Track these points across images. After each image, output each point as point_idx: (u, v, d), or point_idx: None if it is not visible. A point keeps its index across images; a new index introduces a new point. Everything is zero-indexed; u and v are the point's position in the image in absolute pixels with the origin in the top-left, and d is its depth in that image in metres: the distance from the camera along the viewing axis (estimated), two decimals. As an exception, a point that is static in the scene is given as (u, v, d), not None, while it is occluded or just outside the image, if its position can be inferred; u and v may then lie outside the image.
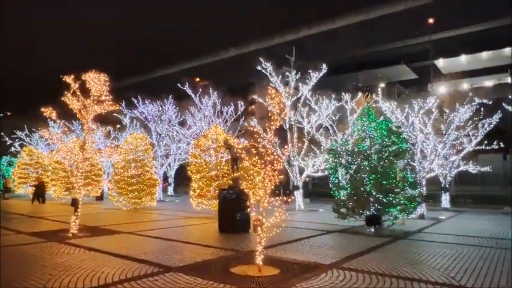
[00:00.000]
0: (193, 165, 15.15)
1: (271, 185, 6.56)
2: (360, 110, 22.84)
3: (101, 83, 10.94)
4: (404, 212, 10.84)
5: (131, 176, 18.60)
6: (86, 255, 7.31)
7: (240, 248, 8.41)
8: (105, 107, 10.94)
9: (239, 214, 10.61)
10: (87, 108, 10.95)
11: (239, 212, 10.69)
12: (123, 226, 12.17)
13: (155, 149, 27.83)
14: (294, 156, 20.42)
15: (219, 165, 14.57)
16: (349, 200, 11.13)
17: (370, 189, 10.59)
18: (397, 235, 10.65)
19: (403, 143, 11.02)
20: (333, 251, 8.13)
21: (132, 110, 28.55)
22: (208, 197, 14.43)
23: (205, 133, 15.64)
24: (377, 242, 9.44)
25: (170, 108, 28.47)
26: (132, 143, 19.36)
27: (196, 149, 15.19)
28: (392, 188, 10.52)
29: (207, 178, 14.64)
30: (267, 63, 20.64)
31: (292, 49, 36.13)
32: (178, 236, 9.97)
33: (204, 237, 9.87)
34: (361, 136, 11.64)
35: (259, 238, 6.48)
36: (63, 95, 10.77)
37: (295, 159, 20.42)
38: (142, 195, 18.79)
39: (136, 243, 8.85)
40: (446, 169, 19.28)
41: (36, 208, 19.56)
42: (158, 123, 28.60)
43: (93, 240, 9.12)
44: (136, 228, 11.62)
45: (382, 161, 10.78)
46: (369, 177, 10.62)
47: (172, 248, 8.25)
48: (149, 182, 19.19)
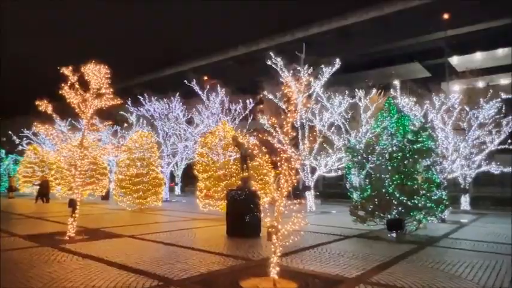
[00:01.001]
0: (199, 164, 14.34)
1: (287, 186, 5.68)
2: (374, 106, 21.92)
3: (101, 75, 10.19)
4: (430, 216, 9.88)
5: (136, 175, 17.89)
6: (79, 263, 6.51)
7: (250, 255, 7.55)
8: (105, 101, 10.18)
9: (248, 216, 9.76)
10: (86, 102, 10.22)
11: (249, 215, 9.84)
12: (125, 228, 11.40)
13: (162, 148, 27.16)
14: (305, 155, 19.51)
15: (227, 164, 13.74)
16: (369, 202, 10.20)
17: (392, 190, 9.65)
18: (422, 241, 9.70)
19: (428, 140, 10.05)
20: (356, 260, 7.23)
21: (138, 108, 27.88)
22: (215, 198, 13.60)
23: (213, 130, 14.83)
24: (402, 249, 8.51)
25: (177, 106, 27.73)
26: (137, 141, 18.65)
27: (203, 147, 14.38)
28: (418, 190, 9.57)
29: (214, 178, 13.82)
30: (277, 58, 19.78)
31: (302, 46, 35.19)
32: (183, 241, 9.15)
33: (210, 242, 9.03)
34: (381, 133, 10.70)
35: (274, 247, 5.61)
36: (61, 88, 10.08)
37: (306, 158, 19.50)
38: (148, 195, 18.07)
39: (137, 249, 8.05)
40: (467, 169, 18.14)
41: (38, 208, 18.96)
42: (165, 122, 27.89)
43: (90, 245, 8.35)
44: (138, 231, 10.84)
45: (406, 159, 9.83)
46: (392, 177, 9.68)
47: (176, 255, 7.43)
48: (155, 181, 18.47)
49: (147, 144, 18.74)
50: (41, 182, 21.89)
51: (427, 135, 10.03)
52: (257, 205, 10.15)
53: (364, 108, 21.62)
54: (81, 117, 10.28)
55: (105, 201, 23.29)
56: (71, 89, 9.96)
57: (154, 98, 27.73)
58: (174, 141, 28.08)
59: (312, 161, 19.56)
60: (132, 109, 28.23)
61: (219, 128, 14.55)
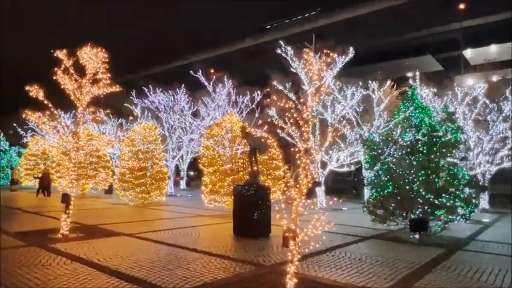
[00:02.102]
0: (205, 157, 13.49)
1: (307, 182, 4.79)
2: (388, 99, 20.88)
3: (98, 59, 9.35)
4: (458, 216, 8.93)
5: (139, 168, 17.13)
6: (65, 268, 5.71)
7: (261, 260, 6.69)
8: (103, 87, 9.35)
9: (257, 213, 8.91)
10: (82, 88, 9.39)
11: (258, 212, 8.99)
12: (124, 226, 10.62)
13: (167, 142, 26.41)
14: (315, 149, 18.58)
15: (234, 158, 12.87)
16: (390, 200, 9.27)
17: (417, 188, 8.71)
18: (449, 244, 8.78)
19: (457, 133, 9.07)
20: (381, 267, 6.33)
21: (143, 100, 27.09)
22: (221, 193, 12.76)
23: (219, 121, 13.95)
24: (430, 253, 7.60)
25: (182, 98, 26.89)
26: (140, 133, 17.86)
27: (208, 139, 13.52)
28: (445, 187, 8.61)
29: (220, 172, 12.97)
30: (287, 47, 18.81)
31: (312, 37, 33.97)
32: (186, 241, 8.32)
33: (215, 243, 8.20)
34: (404, 124, 9.73)
35: (292, 255, 4.74)
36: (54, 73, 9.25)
37: (317, 153, 18.56)
38: (151, 190, 17.32)
39: (134, 250, 7.23)
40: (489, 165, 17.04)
41: (39, 201, 18.32)
42: (170, 114, 27.09)
43: (83, 245, 7.55)
44: (139, 228, 10.05)
45: (433, 153, 8.86)
46: (417, 173, 8.73)
47: (177, 258, 6.59)
48: (158, 175, 17.71)
49: (151, 136, 17.94)
50: (42, 175, 21.25)
51: (456, 127, 9.04)
52: (267, 202, 9.29)
53: (377, 101, 20.64)
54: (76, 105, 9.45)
55: (108, 196, 22.61)
56: (64, 73, 9.14)
57: (159, 90, 26.91)
58: (180, 134, 27.30)
59: (323, 156, 18.64)
60: (136, 101, 27.44)
61: (225, 120, 13.67)
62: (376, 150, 9.52)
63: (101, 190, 23.93)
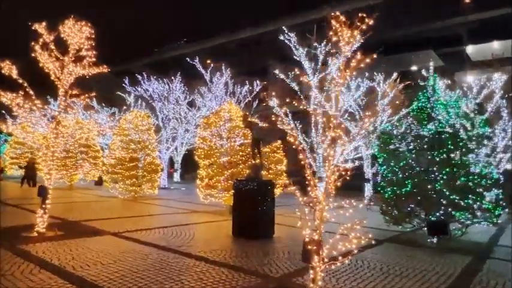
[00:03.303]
0: (201, 148, 12.45)
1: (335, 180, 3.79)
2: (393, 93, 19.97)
3: (83, 35, 8.23)
4: (483, 219, 8.02)
5: (130, 159, 16.04)
6: (30, 279, 4.67)
7: (267, 269, 5.70)
8: (88, 67, 8.24)
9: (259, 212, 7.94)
10: (64, 68, 8.28)
11: (260, 211, 8.01)
12: (111, 222, 9.59)
13: (161, 132, 25.30)
14: (318, 143, 17.64)
15: (233, 150, 11.84)
16: (408, 200, 8.33)
17: (441, 187, 7.76)
18: (472, 250, 7.87)
19: (485, 126, 8.11)
20: (410, 280, 5.38)
21: (136, 88, 25.87)
22: (218, 188, 11.75)
23: (217, 110, 12.88)
24: (457, 261, 6.68)
25: (178, 87, 25.74)
26: (132, 122, 16.74)
27: (205, 129, 12.45)
28: (473, 187, 7.68)
29: (217, 165, 11.94)
30: (290, 34, 17.75)
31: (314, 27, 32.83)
32: (178, 243, 7.32)
33: (213, 245, 7.20)
34: (423, 116, 8.75)
35: (314, 273, 3.75)
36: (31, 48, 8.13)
37: (319, 147, 17.62)
38: (142, 182, 16.26)
39: (119, 254, 6.21)
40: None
41: (23, 192, 17.19)
42: (164, 104, 25.94)
43: (59, 247, 6.51)
44: (127, 226, 9.02)
45: (459, 149, 7.91)
46: (441, 171, 7.78)
47: (168, 265, 5.59)
48: (150, 167, 16.64)
49: (143, 125, 16.83)
50: (27, 164, 20.07)
51: (485, 119, 8.08)
52: (271, 199, 8.31)
53: (382, 94, 19.74)
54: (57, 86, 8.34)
55: (98, 188, 21.48)
56: (43, 50, 8.01)
57: (153, 78, 25.72)
58: (174, 125, 26.19)
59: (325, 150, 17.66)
60: (129, 89, 26.22)
61: (224, 108, 12.60)
62: (394, 144, 8.54)
63: (90, 181, 22.85)
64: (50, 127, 8.12)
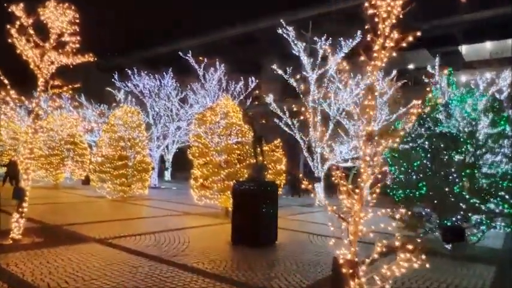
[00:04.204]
0: (196, 147, 11.65)
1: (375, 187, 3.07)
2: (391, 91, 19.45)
3: (66, 18, 7.38)
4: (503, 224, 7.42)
5: (119, 157, 15.15)
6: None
7: (275, 285, 4.96)
8: (70, 54, 7.40)
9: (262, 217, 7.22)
10: (44, 55, 7.42)
11: (263, 215, 7.29)
12: (97, 227, 8.74)
13: (151, 130, 24.40)
14: (315, 142, 16.95)
15: (230, 148, 11.07)
16: (422, 203, 7.68)
17: (460, 190, 7.12)
18: (490, 258, 7.27)
19: (506, 124, 7.50)
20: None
21: (125, 83, 24.90)
22: (214, 189, 10.97)
23: (213, 106, 12.08)
24: (482, 273, 6.05)
25: (170, 82, 24.86)
26: (121, 118, 15.83)
27: (200, 126, 11.66)
28: (495, 190, 7.06)
29: (213, 164, 11.15)
30: (289, 27, 17.03)
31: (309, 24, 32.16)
32: (172, 251, 6.55)
33: (211, 254, 6.45)
34: (437, 111, 8.10)
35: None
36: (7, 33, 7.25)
37: (317, 146, 16.95)
38: (132, 182, 15.38)
39: (104, 267, 5.41)
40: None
41: (4, 192, 16.10)
42: (155, 100, 25.02)
43: (35, 258, 5.68)
44: (115, 230, 8.19)
45: (479, 149, 7.29)
46: (461, 172, 7.14)
47: (160, 281, 4.82)
48: (141, 165, 15.77)
49: (133, 122, 15.95)
50: (9, 162, 18.96)
51: (505, 117, 7.47)
52: (274, 203, 7.59)
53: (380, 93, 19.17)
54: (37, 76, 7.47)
55: (85, 187, 20.46)
56: (20, 34, 7.14)
57: (144, 73, 24.78)
58: (165, 122, 25.29)
59: (324, 149, 17.02)
60: (119, 84, 25.23)
61: (220, 104, 11.82)
62: (407, 143, 7.88)
63: (77, 180, 21.84)
64: (29, 121, 7.26)
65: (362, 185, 3.11)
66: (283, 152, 12.08)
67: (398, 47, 3.48)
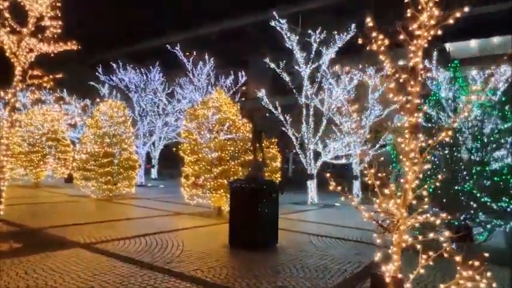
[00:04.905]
0: (187, 143, 11.06)
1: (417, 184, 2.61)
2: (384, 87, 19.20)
3: (45, 1, 6.69)
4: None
5: (104, 154, 14.40)
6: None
7: (285, 296, 4.49)
8: (51, 40, 6.72)
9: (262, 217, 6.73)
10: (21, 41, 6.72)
11: (263, 216, 6.81)
12: (82, 229, 8.09)
13: (137, 126, 23.57)
14: (308, 139, 16.55)
15: (224, 145, 10.53)
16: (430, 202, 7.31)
17: (471, 188, 6.79)
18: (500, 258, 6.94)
19: (516, 120, 7.19)
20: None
21: (110, 77, 23.96)
22: (207, 188, 10.43)
23: (205, 100, 11.49)
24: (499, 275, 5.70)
25: (157, 77, 24.06)
26: (106, 113, 15.07)
27: (191, 121, 11.07)
28: (506, 188, 6.75)
29: (206, 161, 10.59)
30: (282, 20, 16.52)
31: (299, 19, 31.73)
32: (165, 257, 5.99)
33: (208, 261, 5.93)
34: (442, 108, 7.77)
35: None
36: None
37: (310, 142, 16.54)
38: (118, 180, 14.66)
39: (89, 278, 4.83)
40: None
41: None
42: (142, 95, 24.18)
43: (10, 268, 5.05)
44: (101, 233, 7.57)
45: (489, 145, 6.97)
46: (471, 169, 6.81)
47: (157, 294, 4.28)
48: (127, 163, 15.05)
49: (119, 117, 15.21)
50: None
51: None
52: (275, 203, 7.11)
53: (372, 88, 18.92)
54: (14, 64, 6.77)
55: (68, 185, 19.55)
56: (-5, 18, 6.43)
57: (130, 66, 23.90)
58: (152, 118, 24.48)
59: (317, 145, 16.64)
60: (103, 78, 24.28)
61: (213, 98, 11.24)
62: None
63: (59, 179, 20.88)
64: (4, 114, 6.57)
65: (406, 187, 2.66)
66: (278, 149, 11.62)
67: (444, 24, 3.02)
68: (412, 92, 2.96)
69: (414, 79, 2.95)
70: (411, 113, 2.89)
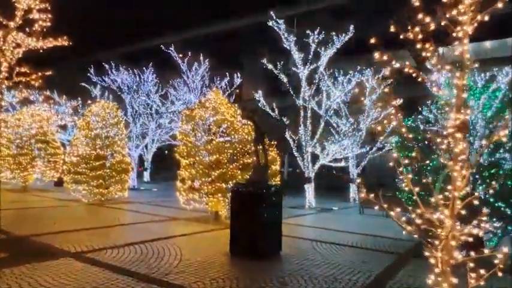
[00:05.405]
0: (183, 145, 10.64)
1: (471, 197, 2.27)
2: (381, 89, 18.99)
3: (35, -6, 6.26)
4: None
5: (95, 157, 13.88)
6: None
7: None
8: (39, 35, 6.29)
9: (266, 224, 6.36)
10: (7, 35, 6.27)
11: (267, 223, 6.43)
12: (72, 237, 7.61)
13: (130, 128, 23.03)
14: (306, 141, 16.22)
15: (222, 148, 10.13)
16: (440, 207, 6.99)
17: (484, 192, 6.49)
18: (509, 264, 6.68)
19: (527, 121, 6.91)
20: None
21: (102, 77, 23.40)
22: (204, 192, 10.00)
23: (203, 101, 11.08)
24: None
25: (150, 78, 23.58)
26: (98, 114, 14.57)
27: (188, 123, 10.66)
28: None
29: (203, 165, 10.17)
30: (279, 20, 16.23)
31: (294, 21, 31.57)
32: (164, 268, 5.57)
33: (210, 271, 5.53)
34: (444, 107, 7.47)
35: None
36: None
37: (308, 145, 16.21)
38: (110, 184, 14.14)
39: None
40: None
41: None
42: (134, 97, 23.66)
43: (-7, 282, 4.60)
44: (92, 241, 7.11)
45: (501, 147, 6.70)
46: (481, 173, 6.53)
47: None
48: (120, 166, 14.55)
49: (112, 118, 14.71)
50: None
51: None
52: (279, 208, 6.74)
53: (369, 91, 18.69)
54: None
55: (58, 189, 18.92)
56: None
57: (122, 67, 23.38)
58: (144, 120, 23.96)
59: (315, 148, 16.32)
60: (95, 79, 23.71)
61: (209, 99, 10.84)
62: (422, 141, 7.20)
63: (49, 182, 20.21)
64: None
65: (455, 194, 2.32)
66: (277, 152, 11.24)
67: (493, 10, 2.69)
68: (459, 85, 2.63)
69: (462, 70, 2.62)
70: (458, 109, 2.56)
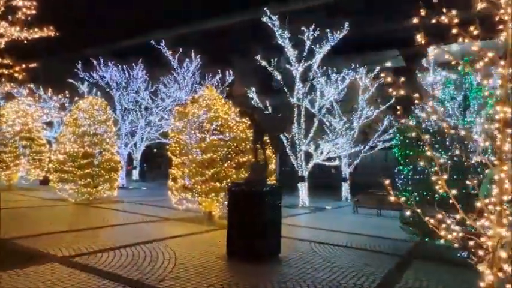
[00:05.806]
0: (176, 143, 10.28)
1: None
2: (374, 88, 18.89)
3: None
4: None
5: (83, 155, 13.39)
6: None
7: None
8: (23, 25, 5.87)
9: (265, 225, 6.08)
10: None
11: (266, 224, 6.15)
12: (58, 239, 7.20)
13: (119, 125, 22.47)
14: (300, 140, 15.99)
15: (216, 146, 9.80)
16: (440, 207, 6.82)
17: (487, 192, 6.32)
18: None
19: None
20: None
21: (90, 73, 22.76)
22: (197, 192, 9.67)
23: (196, 98, 10.71)
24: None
25: (140, 74, 23.05)
26: (86, 111, 14.07)
27: (180, 120, 10.30)
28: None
29: (196, 163, 9.83)
30: (273, 16, 15.96)
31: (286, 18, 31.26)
32: (158, 273, 5.24)
33: (207, 276, 5.22)
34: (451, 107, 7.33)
35: None
36: None
37: (301, 143, 15.99)
38: (98, 183, 13.67)
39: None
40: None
41: None
42: (123, 94, 23.09)
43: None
44: (81, 243, 6.72)
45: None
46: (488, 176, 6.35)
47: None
48: (109, 164, 14.08)
49: (100, 115, 14.22)
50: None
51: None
52: (278, 209, 6.47)
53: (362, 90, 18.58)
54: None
55: (43, 188, 18.29)
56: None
57: (111, 63, 22.78)
58: (133, 118, 23.42)
59: (309, 147, 16.09)
60: (82, 75, 23.04)
61: (203, 96, 10.50)
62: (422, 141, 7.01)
63: (34, 181, 19.56)
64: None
65: (503, 198, 2.07)
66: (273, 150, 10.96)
67: None
68: (504, 75, 2.38)
69: (506, 60, 2.37)
70: (505, 101, 2.31)
